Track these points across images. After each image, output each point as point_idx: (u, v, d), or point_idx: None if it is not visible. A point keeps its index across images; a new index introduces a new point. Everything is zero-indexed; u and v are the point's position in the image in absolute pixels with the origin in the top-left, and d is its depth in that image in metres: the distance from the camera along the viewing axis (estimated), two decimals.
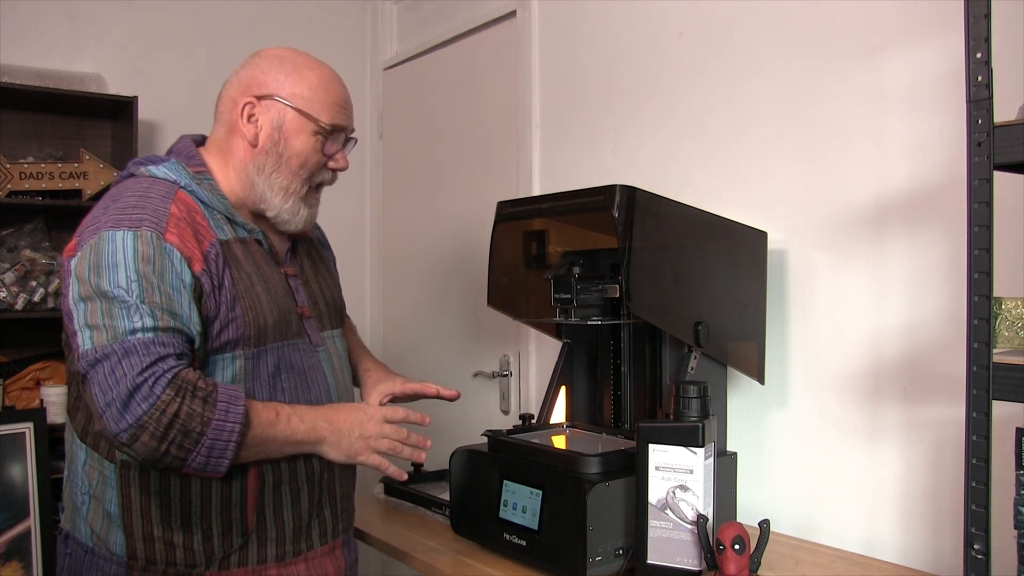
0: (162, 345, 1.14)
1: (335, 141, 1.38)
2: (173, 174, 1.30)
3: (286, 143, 1.34)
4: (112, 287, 1.15)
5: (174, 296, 1.18)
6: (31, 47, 2.67)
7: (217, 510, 1.26)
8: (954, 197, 1.41)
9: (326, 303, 1.47)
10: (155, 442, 1.11)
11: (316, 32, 3.18)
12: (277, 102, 1.33)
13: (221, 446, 1.15)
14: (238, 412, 1.17)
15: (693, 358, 1.52)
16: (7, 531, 2.33)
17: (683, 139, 1.95)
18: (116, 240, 1.18)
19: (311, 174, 1.37)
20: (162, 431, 1.11)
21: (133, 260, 1.16)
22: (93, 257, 1.17)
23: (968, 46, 0.94)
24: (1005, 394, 0.93)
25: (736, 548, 1.21)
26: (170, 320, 1.16)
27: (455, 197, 2.81)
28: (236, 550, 1.28)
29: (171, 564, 1.25)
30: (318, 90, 1.35)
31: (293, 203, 1.36)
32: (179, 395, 1.12)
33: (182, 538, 1.25)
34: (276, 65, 1.36)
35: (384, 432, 1.32)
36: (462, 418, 2.72)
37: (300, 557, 1.35)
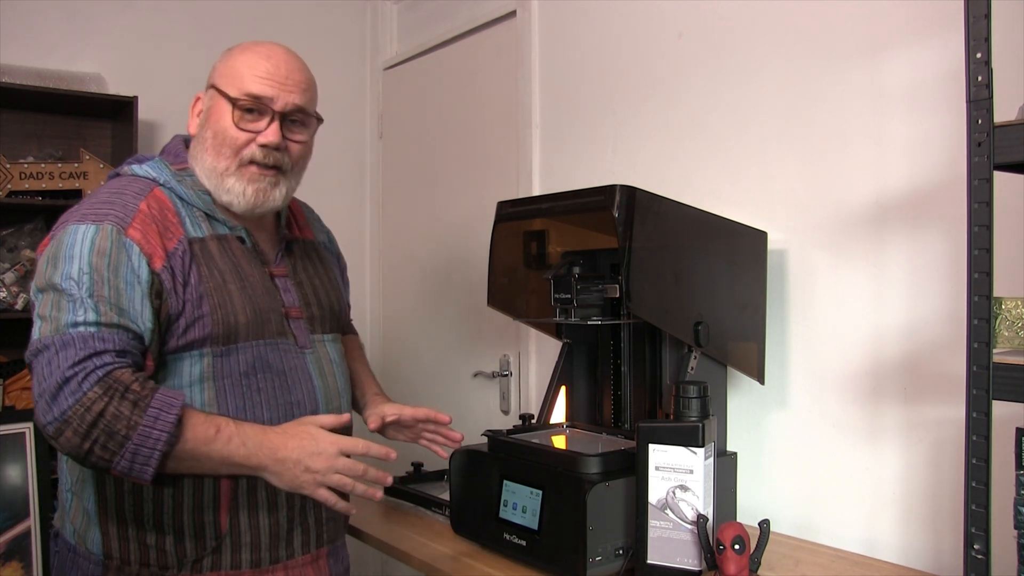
0: (101, 340, 1.13)
1: (257, 117, 1.31)
2: (154, 172, 1.31)
3: (209, 125, 1.32)
4: (63, 279, 1.16)
5: (125, 291, 1.18)
6: (31, 47, 2.67)
7: (189, 511, 1.25)
8: (954, 197, 1.41)
9: (320, 306, 1.45)
10: (78, 439, 1.09)
11: (316, 32, 3.18)
12: (211, 89, 1.34)
13: (146, 453, 1.12)
14: (168, 421, 1.12)
15: (693, 358, 1.52)
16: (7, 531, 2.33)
17: (683, 139, 1.95)
18: (78, 233, 1.19)
19: (234, 151, 1.30)
20: (85, 429, 1.09)
21: (88, 253, 1.17)
22: (53, 249, 1.19)
23: (968, 46, 0.94)
24: (1005, 394, 0.93)
25: (736, 548, 1.21)
26: (115, 316, 1.15)
27: (455, 197, 2.81)
28: (209, 553, 1.26)
29: (145, 565, 1.24)
30: (239, 67, 1.31)
31: (230, 183, 1.31)
32: (107, 394, 1.10)
33: (155, 539, 1.24)
34: (222, 56, 1.36)
35: (335, 467, 1.20)
36: (462, 418, 2.72)
37: (279, 565, 1.31)
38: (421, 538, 1.63)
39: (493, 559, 1.49)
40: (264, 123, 1.31)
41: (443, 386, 2.86)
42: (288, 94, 1.32)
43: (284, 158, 1.34)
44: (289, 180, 1.37)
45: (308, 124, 1.37)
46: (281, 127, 1.32)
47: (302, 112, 1.35)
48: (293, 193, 1.41)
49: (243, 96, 1.29)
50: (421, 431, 1.53)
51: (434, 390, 2.91)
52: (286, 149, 1.33)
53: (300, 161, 1.38)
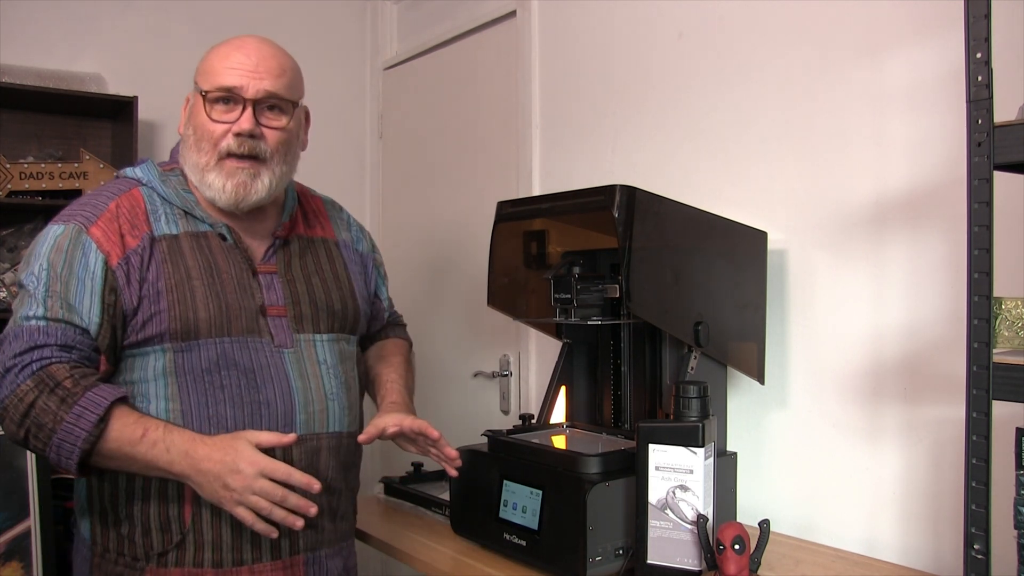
0: (44, 334, 1.19)
1: (233, 107, 1.31)
2: (140, 173, 1.37)
3: (190, 122, 1.35)
4: (27, 277, 1.24)
5: (75, 287, 1.23)
6: (31, 47, 2.66)
7: (156, 504, 1.27)
8: (954, 197, 1.40)
9: (314, 304, 1.41)
10: (14, 427, 1.18)
11: (316, 32, 3.18)
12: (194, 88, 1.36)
13: (68, 448, 1.17)
14: (90, 420, 1.16)
15: (693, 358, 1.52)
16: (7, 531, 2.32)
17: (683, 139, 1.95)
18: (48, 233, 1.27)
19: (212, 145, 1.31)
20: (19, 418, 1.17)
21: (48, 251, 1.24)
22: (30, 248, 1.28)
23: (968, 46, 0.94)
24: (1005, 394, 0.93)
25: (736, 548, 1.21)
26: (61, 311, 1.21)
27: (455, 197, 2.81)
28: (173, 548, 1.27)
29: (121, 554, 1.29)
30: (212, 61, 1.33)
31: (211, 178, 1.32)
32: (38, 387, 1.17)
33: (127, 529, 1.28)
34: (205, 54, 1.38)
35: (254, 488, 1.17)
36: (462, 418, 2.72)
37: (243, 568, 1.29)
38: (421, 538, 1.63)
39: (493, 559, 1.49)
40: (237, 113, 1.31)
41: (443, 386, 2.86)
42: (259, 81, 1.31)
43: (260, 145, 1.32)
44: (271, 169, 1.34)
45: (285, 110, 1.36)
46: (255, 115, 1.31)
47: (276, 98, 1.33)
48: (282, 184, 1.39)
49: (214, 88, 1.31)
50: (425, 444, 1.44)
51: (434, 390, 2.91)
52: (262, 136, 1.32)
53: (281, 148, 1.35)
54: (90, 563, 1.31)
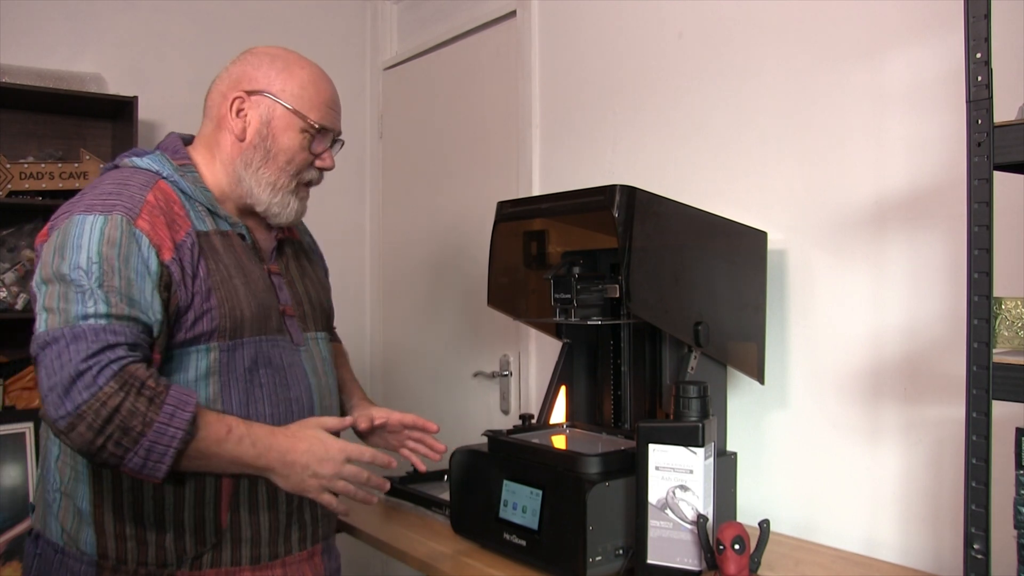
0: (113, 333, 1.11)
1: (322, 140, 1.38)
2: (156, 165, 1.30)
3: (274, 139, 1.34)
4: (71, 270, 1.13)
5: (136, 281, 1.16)
6: (31, 47, 2.67)
7: (190, 507, 1.24)
8: (954, 197, 1.40)
9: (311, 305, 1.46)
10: (91, 434, 1.07)
11: (316, 32, 3.18)
12: (266, 98, 1.34)
13: (160, 450, 1.10)
14: (183, 418, 1.11)
15: (693, 358, 1.52)
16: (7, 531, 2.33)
17: (683, 139, 1.95)
18: (85, 223, 1.17)
19: (298, 171, 1.37)
20: (100, 424, 1.06)
21: (98, 242, 1.15)
22: (59, 240, 1.16)
23: (968, 46, 0.94)
24: (1005, 394, 0.93)
25: (736, 548, 1.21)
26: (126, 308, 1.13)
27: (455, 197, 2.81)
28: (209, 550, 1.26)
29: (142, 563, 1.23)
30: (307, 88, 1.36)
31: (282, 197, 1.36)
32: (123, 389, 1.08)
33: (154, 536, 1.23)
34: (267, 62, 1.36)
35: (341, 473, 1.21)
36: (462, 418, 2.72)
37: (277, 561, 1.32)
38: (421, 538, 1.63)
39: (493, 559, 1.49)
40: (322, 147, 1.38)
41: (443, 386, 2.86)
42: (339, 120, 1.41)
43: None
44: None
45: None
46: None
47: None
48: None
49: (320, 123, 1.35)
50: (406, 438, 1.51)
51: (434, 390, 2.91)
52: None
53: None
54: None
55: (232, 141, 1.35)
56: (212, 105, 1.38)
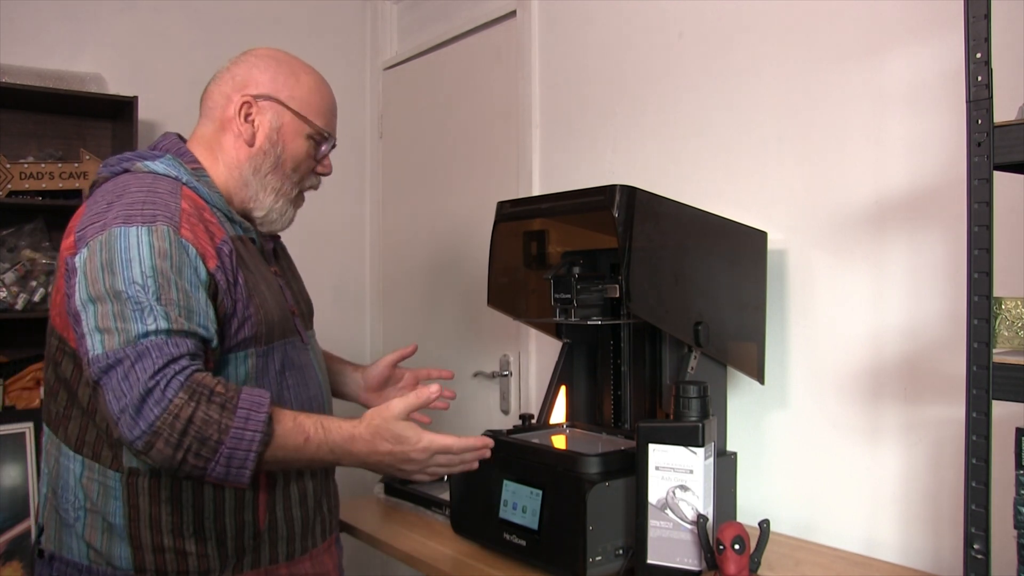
0: (175, 347, 1.08)
1: (324, 146, 1.39)
2: (173, 170, 1.26)
3: (284, 145, 1.34)
4: (126, 285, 1.09)
5: (192, 293, 1.14)
6: (31, 47, 2.67)
7: (231, 513, 1.23)
8: (954, 197, 1.40)
9: (306, 303, 1.49)
10: (170, 449, 1.05)
11: (316, 32, 3.18)
12: (275, 103, 1.33)
13: (241, 456, 1.09)
14: (259, 420, 1.10)
15: (693, 358, 1.52)
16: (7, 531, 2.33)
17: (683, 139, 1.95)
18: (129, 236, 1.12)
19: (301, 178, 1.38)
20: (176, 438, 1.05)
21: (149, 255, 1.11)
22: (105, 254, 1.11)
23: (968, 46, 0.94)
24: (1005, 394, 0.93)
25: (736, 548, 1.21)
26: (184, 321, 1.11)
27: (455, 197, 2.81)
28: (249, 552, 1.26)
29: (183, 573, 1.21)
30: (314, 94, 1.37)
31: (282, 204, 1.37)
32: (193, 399, 1.06)
33: (195, 545, 1.21)
34: (273, 66, 1.35)
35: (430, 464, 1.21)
36: (462, 418, 2.72)
37: (307, 555, 1.34)
38: (421, 538, 1.63)
39: (493, 559, 1.49)
40: (321, 153, 1.40)
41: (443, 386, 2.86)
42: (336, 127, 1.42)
43: None
44: None
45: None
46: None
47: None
48: None
49: (327, 130, 1.38)
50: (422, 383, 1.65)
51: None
52: None
53: None
54: None
55: (238, 145, 1.33)
56: (214, 106, 1.35)
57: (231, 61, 1.39)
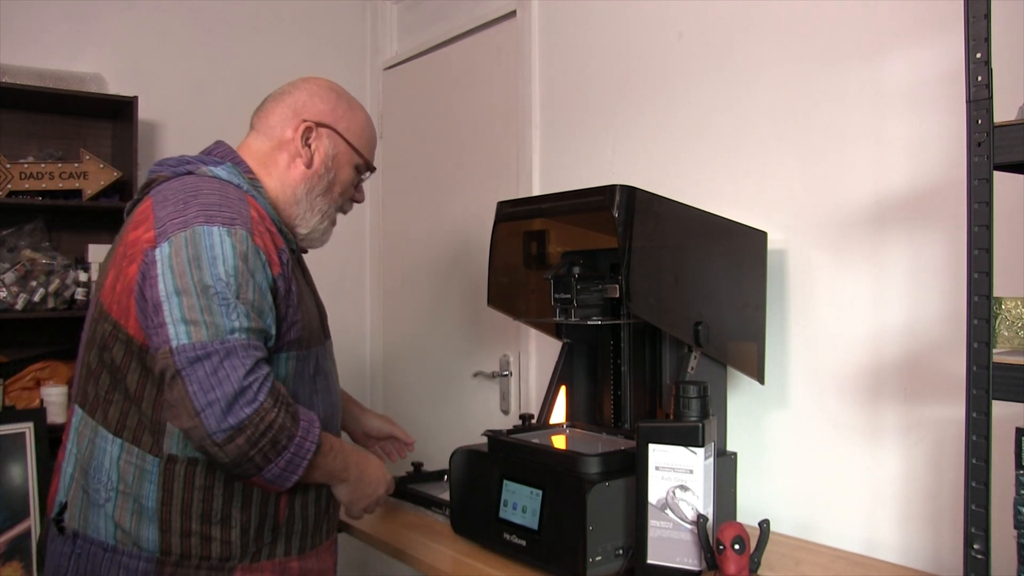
0: (255, 348, 1.17)
1: (363, 175, 1.52)
2: (234, 178, 1.33)
3: (336, 172, 1.45)
4: (214, 280, 1.16)
5: (263, 296, 1.21)
6: (31, 47, 2.67)
7: (256, 504, 1.29)
8: (954, 197, 1.41)
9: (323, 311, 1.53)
10: (247, 446, 1.13)
11: (316, 32, 3.19)
12: (333, 133, 1.44)
13: (296, 462, 1.20)
14: (315, 434, 1.22)
15: (693, 358, 1.52)
16: (7, 531, 2.33)
17: (683, 139, 1.95)
18: (212, 235, 1.18)
19: (343, 202, 1.50)
20: (257, 437, 1.14)
21: (232, 255, 1.18)
22: (191, 250, 1.17)
23: (968, 46, 0.94)
24: (1005, 394, 0.93)
25: (736, 548, 1.21)
26: (259, 320, 1.19)
27: (455, 197, 2.81)
28: (267, 543, 1.31)
29: (205, 558, 1.26)
30: (366, 129, 1.50)
31: (325, 224, 1.47)
32: (276, 405, 1.16)
33: (220, 531, 1.26)
34: (333, 98, 1.46)
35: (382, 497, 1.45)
36: (462, 418, 2.72)
37: (314, 551, 1.39)
38: (421, 538, 1.63)
39: (493, 559, 1.49)
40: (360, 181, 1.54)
41: (443, 386, 2.87)
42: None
43: None
44: None
45: None
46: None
47: None
48: None
49: (372, 163, 1.52)
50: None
51: (434, 390, 2.91)
52: None
53: None
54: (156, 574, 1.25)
55: (295, 165, 1.42)
56: (273, 125, 1.43)
57: (290, 84, 1.48)
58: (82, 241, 2.72)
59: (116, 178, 2.62)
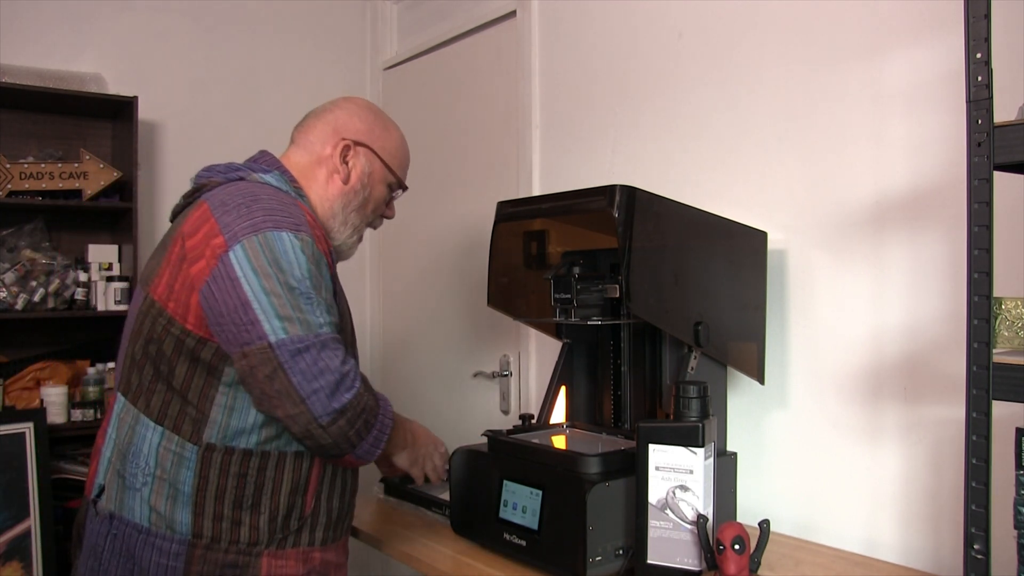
0: (338, 340, 1.28)
1: (395, 193, 1.60)
2: (283, 186, 1.42)
3: (371, 189, 1.53)
4: (298, 282, 1.25)
5: (331, 295, 1.32)
6: (31, 47, 2.67)
7: (286, 493, 1.35)
8: (954, 197, 1.41)
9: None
10: (347, 426, 1.25)
11: (316, 32, 3.19)
12: (370, 152, 1.52)
13: (380, 437, 1.33)
14: (389, 413, 1.35)
15: (693, 358, 1.52)
16: (7, 531, 2.33)
17: (683, 139, 1.95)
18: (284, 240, 1.27)
19: (373, 219, 1.58)
20: (354, 418, 1.26)
21: (304, 259, 1.27)
22: (268, 253, 1.25)
23: (968, 46, 0.94)
24: (1005, 394, 0.93)
25: (736, 548, 1.21)
26: (335, 316, 1.31)
27: (455, 197, 2.81)
28: (292, 532, 1.36)
29: (234, 542, 1.31)
30: (401, 149, 1.59)
31: (356, 239, 1.55)
32: (366, 390, 1.29)
33: (249, 517, 1.32)
34: (370, 118, 1.55)
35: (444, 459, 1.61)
36: (462, 418, 2.72)
37: (334, 544, 1.43)
38: (421, 538, 1.63)
39: (493, 559, 1.49)
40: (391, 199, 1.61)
41: (443, 386, 2.87)
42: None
43: None
44: None
45: None
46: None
47: None
48: None
49: (405, 182, 1.61)
50: None
51: (434, 390, 2.91)
52: None
53: None
54: (187, 556, 1.30)
55: (333, 180, 1.49)
56: (313, 140, 1.50)
57: (331, 103, 1.55)
58: (82, 241, 2.72)
59: (116, 178, 2.62)
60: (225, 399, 1.29)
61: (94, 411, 2.57)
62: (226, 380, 1.29)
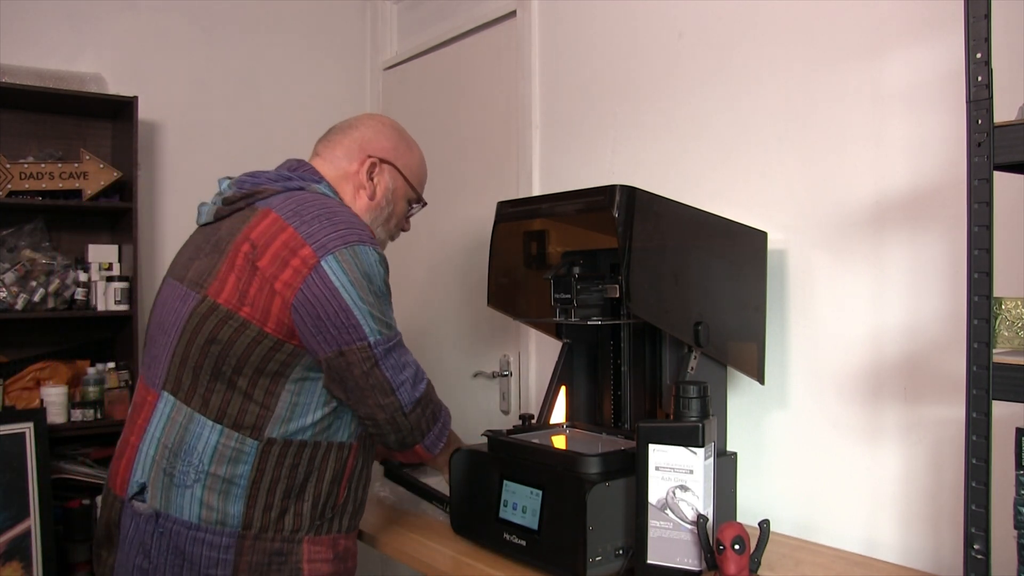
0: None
1: (413, 207, 1.67)
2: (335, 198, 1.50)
3: (394, 205, 1.61)
4: (380, 290, 1.39)
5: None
6: (31, 47, 2.67)
7: (327, 483, 1.43)
8: (954, 197, 1.41)
9: None
10: (422, 413, 1.42)
11: (316, 32, 3.19)
12: (394, 169, 1.60)
13: (444, 429, 1.49)
14: (446, 408, 1.51)
15: (693, 358, 1.52)
16: (7, 531, 2.33)
17: (683, 139, 1.95)
18: (368, 253, 1.38)
19: (394, 232, 1.66)
20: (426, 407, 1.43)
21: (382, 271, 1.40)
22: (360, 265, 1.36)
23: (968, 46, 0.94)
24: (1005, 394, 0.93)
25: (736, 548, 1.21)
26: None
27: (455, 197, 2.81)
28: (327, 520, 1.44)
29: (279, 530, 1.39)
30: (421, 167, 1.67)
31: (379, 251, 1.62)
32: (430, 384, 1.46)
33: (295, 504, 1.40)
34: (395, 136, 1.62)
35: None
36: (462, 418, 2.72)
37: (353, 532, 1.51)
38: (421, 538, 1.63)
39: (493, 559, 1.49)
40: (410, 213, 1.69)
41: (443, 386, 2.86)
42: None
43: None
44: None
45: None
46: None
47: None
48: None
49: (423, 199, 1.68)
50: None
51: None
52: None
53: None
54: (237, 547, 1.35)
55: (359, 195, 1.57)
56: (340, 156, 1.57)
57: (356, 119, 1.63)
58: (82, 241, 2.73)
59: (116, 178, 2.62)
60: (290, 395, 1.37)
61: (94, 411, 2.57)
62: (293, 377, 1.36)
